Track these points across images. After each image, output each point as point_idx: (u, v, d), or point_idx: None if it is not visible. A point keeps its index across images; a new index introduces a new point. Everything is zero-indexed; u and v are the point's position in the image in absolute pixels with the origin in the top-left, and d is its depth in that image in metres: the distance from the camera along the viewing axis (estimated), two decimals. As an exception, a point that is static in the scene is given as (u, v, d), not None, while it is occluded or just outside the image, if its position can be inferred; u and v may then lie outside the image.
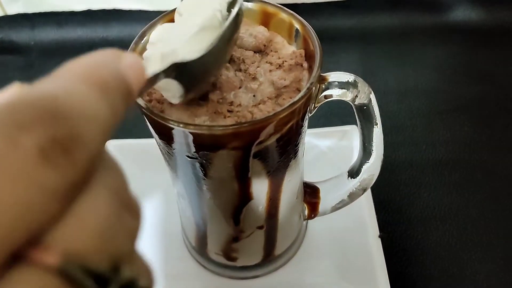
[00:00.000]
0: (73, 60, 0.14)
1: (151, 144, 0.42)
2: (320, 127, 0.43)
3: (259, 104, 0.25)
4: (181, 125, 0.23)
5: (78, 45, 0.56)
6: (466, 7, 0.56)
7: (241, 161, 0.26)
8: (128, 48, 0.58)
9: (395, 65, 0.53)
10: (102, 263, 0.12)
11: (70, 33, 0.56)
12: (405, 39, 0.55)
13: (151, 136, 0.42)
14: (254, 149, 0.25)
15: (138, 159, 0.41)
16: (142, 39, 0.28)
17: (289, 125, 0.25)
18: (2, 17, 0.56)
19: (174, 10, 0.29)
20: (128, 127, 0.47)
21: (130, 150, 0.41)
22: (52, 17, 0.56)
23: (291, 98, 0.25)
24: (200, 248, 0.36)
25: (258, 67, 0.27)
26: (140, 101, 0.25)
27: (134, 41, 0.27)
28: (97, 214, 0.12)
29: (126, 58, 0.14)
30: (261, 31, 0.27)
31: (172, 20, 0.28)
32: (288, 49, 0.27)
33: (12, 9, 0.56)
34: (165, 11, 0.52)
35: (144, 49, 0.27)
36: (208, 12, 0.23)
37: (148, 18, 0.55)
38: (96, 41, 0.56)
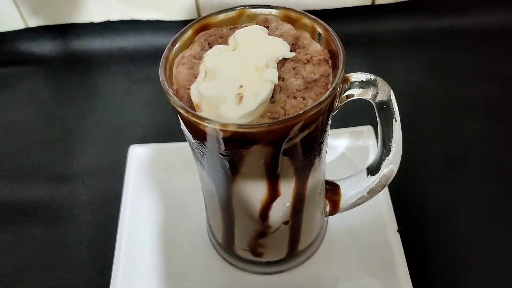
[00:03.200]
0: None
1: (173, 149, 0.44)
2: (337, 128, 0.45)
3: (289, 97, 0.26)
4: (217, 125, 0.25)
5: (97, 55, 0.58)
6: (473, 11, 0.58)
7: (271, 158, 0.27)
8: (146, 57, 0.60)
9: (405, 68, 0.55)
10: None
11: (89, 44, 0.58)
12: (414, 43, 0.57)
13: (173, 140, 0.44)
14: (284, 146, 0.27)
15: (164, 163, 0.43)
16: (174, 46, 0.29)
17: (316, 123, 0.27)
18: (24, 29, 0.58)
19: (203, 19, 0.30)
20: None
21: (158, 154, 0.44)
22: (71, 28, 0.58)
23: (320, 93, 0.27)
24: (227, 245, 0.37)
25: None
26: (175, 101, 0.26)
27: (167, 47, 0.29)
28: None
29: None
30: (287, 29, 0.29)
31: (202, 29, 0.30)
32: (316, 46, 0.29)
33: (33, 22, 0.58)
34: (183, 21, 0.54)
35: (176, 55, 0.29)
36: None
37: (165, 28, 0.58)
38: (114, 51, 0.58)
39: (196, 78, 0.27)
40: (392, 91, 0.29)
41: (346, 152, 0.44)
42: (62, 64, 0.58)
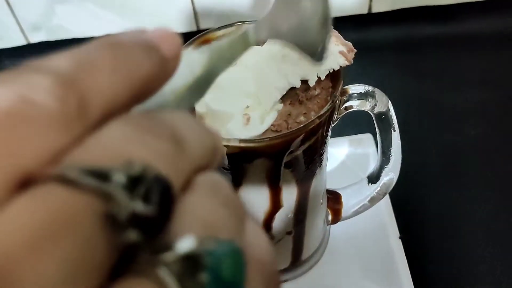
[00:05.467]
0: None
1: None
2: (336, 136, 0.45)
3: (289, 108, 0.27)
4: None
5: (98, 69, 0.59)
6: (468, 18, 0.59)
7: (273, 171, 0.28)
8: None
9: (401, 75, 0.55)
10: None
11: (90, 58, 0.59)
12: (410, 50, 0.58)
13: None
14: (285, 159, 0.27)
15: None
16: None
17: (316, 135, 0.27)
18: (25, 45, 0.59)
19: (203, 35, 0.31)
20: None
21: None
22: (73, 44, 0.58)
23: (322, 106, 0.27)
24: (231, 255, 0.38)
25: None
26: None
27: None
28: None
29: (152, 30, 0.14)
30: None
31: (204, 43, 0.31)
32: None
33: (35, 38, 0.59)
34: (182, 34, 0.55)
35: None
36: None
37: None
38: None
39: None
40: (390, 102, 0.30)
41: (347, 160, 0.45)
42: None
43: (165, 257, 0.10)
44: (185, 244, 0.11)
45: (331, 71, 0.28)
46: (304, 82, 0.27)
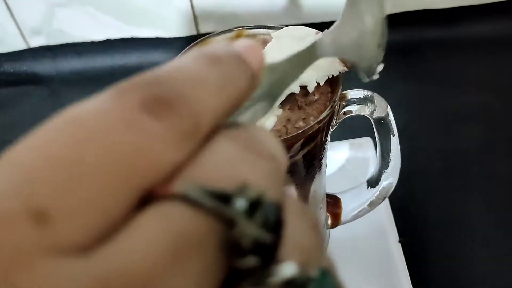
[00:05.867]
0: None
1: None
2: (336, 140, 0.45)
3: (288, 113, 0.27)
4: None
5: (98, 73, 0.59)
6: (469, 21, 0.59)
7: (272, 176, 0.28)
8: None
9: (402, 78, 0.56)
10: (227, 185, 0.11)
11: (90, 62, 0.59)
12: (410, 54, 0.58)
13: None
14: (284, 164, 0.27)
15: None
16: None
17: (315, 140, 0.27)
18: (26, 50, 0.59)
19: (202, 40, 0.31)
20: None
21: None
22: (72, 48, 0.59)
23: (321, 111, 0.27)
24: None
25: None
26: None
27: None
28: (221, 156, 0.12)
29: (239, 42, 0.14)
30: None
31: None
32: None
33: (35, 42, 0.59)
34: (182, 38, 0.55)
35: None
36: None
37: (164, 44, 0.58)
38: (115, 69, 0.59)
39: None
40: (389, 106, 0.30)
41: (346, 164, 0.45)
42: (64, 83, 0.59)
43: (269, 281, 0.10)
44: (288, 269, 0.11)
45: (330, 77, 0.28)
46: (303, 87, 0.27)
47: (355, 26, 0.22)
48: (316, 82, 0.27)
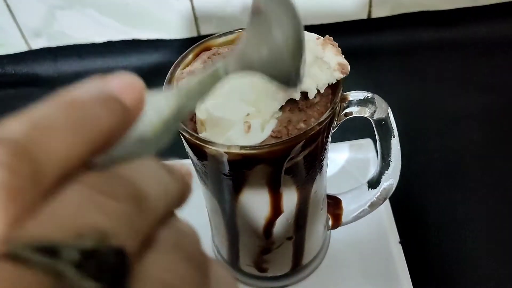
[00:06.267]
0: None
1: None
2: (336, 141, 0.45)
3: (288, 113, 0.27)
4: (221, 147, 0.26)
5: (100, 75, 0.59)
6: (468, 22, 0.59)
7: (274, 177, 0.28)
8: (147, 75, 0.61)
9: (402, 80, 0.56)
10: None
11: (91, 64, 0.59)
12: (410, 55, 0.58)
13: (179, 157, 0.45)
14: (286, 165, 0.27)
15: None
16: (177, 69, 0.30)
17: (316, 142, 0.28)
18: (27, 51, 0.59)
19: (203, 42, 0.31)
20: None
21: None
22: (74, 50, 0.59)
23: (322, 112, 0.27)
24: (232, 261, 0.38)
25: None
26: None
27: (170, 71, 0.30)
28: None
29: (112, 79, 0.14)
30: None
31: (205, 50, 0.31)
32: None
33: (36, 44, 0.59)
34: (183, 39, 0.55)
35: (180, 78, 0.30)
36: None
37: (165, 46, 0.59)
38: (116, 71, 0.59)
39: None
40: (389, 108, 0.30)
41: (346, 165, 0.45)
42: (65, 85, 0.59)
43: None
44: None
45: (330, 84, 0.28)
46: (304, 93, 0.27)
47: (264, 41, 0.21)
48: (317, 89, 0.27)
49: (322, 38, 0.28)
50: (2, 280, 0.10)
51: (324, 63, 0.27)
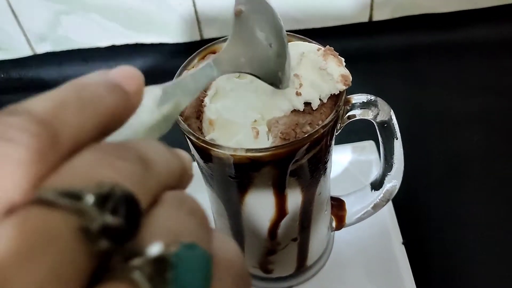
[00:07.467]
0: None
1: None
2: (340, 143, 0.46)
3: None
4: (227, 150, 0.26)
5: (103, 79, 0.59)
6: (469, 24, 0.59)
7: (279, 179, 0.29)
8: (151, 79, 0.62)
9: (403, 82, 0.56)
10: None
11: (96, 68, 0.59)
12: (412, 58, 0.58)
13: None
14: (291, 167, 0.28)
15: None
16: (183, 72, 0.31)
17: (321, 144, 0.28)
18: (32, 56, 0.60)
19: (208, 47, 0.32)
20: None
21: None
22: (78, 54, 0.60)
23: (328, 114, 0.28)
24: (237, 262, 0.38)
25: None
26: (183, 125, 0.28)
27: (175, 76, 0.30)
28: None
29: (115, 69, 0.16)
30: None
31: (211, 53, 0.31)
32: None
33: (41, 49, 0.60)
34: (186, 43, 0.55)
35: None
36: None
37: (169, 50, 0.59)
38: (120, 74, 0.60)
39: (207, 92, 0.28)
40: (392, 110, 0.31)
41: (349, 166, 0.45)
42: (70, 88, 0.59)
43: (137, 262, 0.12)
44: (153, 249, 0.12)
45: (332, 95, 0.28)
46: (307, 104, 0.28)
47: (248, 42, 0.22)
48: (320, 99, 0.28)
49: (322, 48, 0.29)
50: (35, 220, 0.11)
51: (327, 74, 0.28)
